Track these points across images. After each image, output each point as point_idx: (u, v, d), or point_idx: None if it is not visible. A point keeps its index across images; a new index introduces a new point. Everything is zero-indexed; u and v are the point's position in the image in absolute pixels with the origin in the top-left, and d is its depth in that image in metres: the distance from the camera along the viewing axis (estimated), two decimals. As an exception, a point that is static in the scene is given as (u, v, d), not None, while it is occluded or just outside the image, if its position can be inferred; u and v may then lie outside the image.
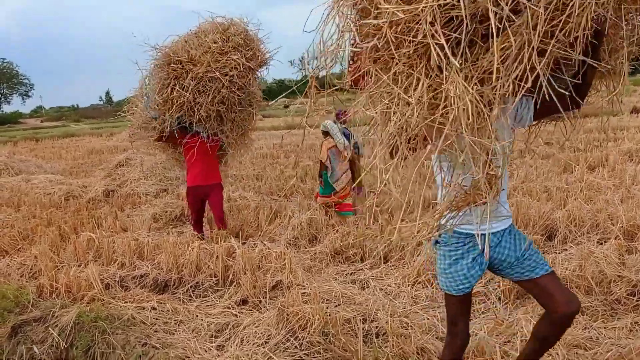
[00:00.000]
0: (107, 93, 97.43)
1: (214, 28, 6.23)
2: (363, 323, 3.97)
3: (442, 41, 2.08)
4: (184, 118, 6.10)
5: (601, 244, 5.25)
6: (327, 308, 4.03)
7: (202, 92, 5.89)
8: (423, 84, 2.22)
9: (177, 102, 5.87)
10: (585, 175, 8.65)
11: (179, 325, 4.27)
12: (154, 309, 4.47)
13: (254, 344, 3.76)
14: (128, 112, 6.72)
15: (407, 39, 2.20)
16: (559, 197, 7.17)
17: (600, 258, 4.55)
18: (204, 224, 6.84)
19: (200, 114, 5.93)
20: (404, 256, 5.56)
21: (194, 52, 5.91)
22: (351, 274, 5.42)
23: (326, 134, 7.50)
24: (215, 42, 5.99)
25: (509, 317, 4.07)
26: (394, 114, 2.33)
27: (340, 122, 8.05)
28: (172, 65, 5.88)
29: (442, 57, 2.12)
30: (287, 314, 3.84)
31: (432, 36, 2.11)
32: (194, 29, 6.41)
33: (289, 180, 10.49)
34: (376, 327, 3.94)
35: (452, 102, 2.14)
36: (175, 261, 5.31)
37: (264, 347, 3.68)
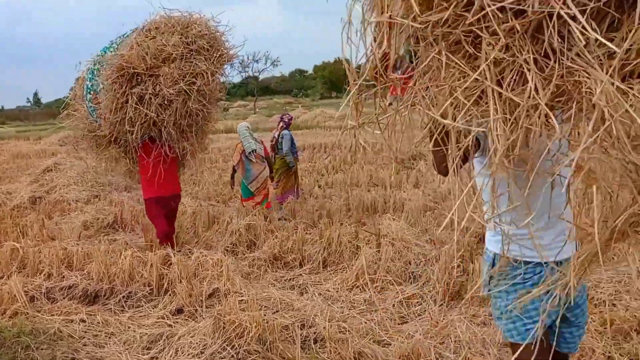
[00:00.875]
0: (36, 94, 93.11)
1: (170, 26, 5.69)
2: (301, 329, 3.94)
3: (575, 11, 1.43)
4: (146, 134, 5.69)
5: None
6: (264, 315, 3.97)
7: (167, 107, 5.42)
8: (533, 77, 1.54)
9: (138, 121, 5.39)
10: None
11: (109, 337, 4.10)
12: (83, 321, 4.28)
13: (188, 354, 3.66)
14: (66, 116, 6.33)
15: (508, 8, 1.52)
16: (491, 199, 7.40)
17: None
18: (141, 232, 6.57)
19: (166, 130, 5.50)
20: (343, 260, 5.59)
21: (152, 62, 5.37)
22: (290, 279, 5.39)
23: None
24: (176, 47, 5.47)
25: (444, 319, 4.14)
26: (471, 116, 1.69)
27: (286, 127, 8.24)
28: (127, 77, 5.35)
29: (579, 36, 1.45)
30: (224, 323, 3.76)
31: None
32: (146, 24, 5.79)
33: (227, 185, 10.34)
34: (314, 333, 3.92)
35: (590, 105, 1.49)
36: (106, 270, 5.10)
37: (199, 358, 3.59)
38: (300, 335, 3.86)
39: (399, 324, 4.24)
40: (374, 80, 1.84)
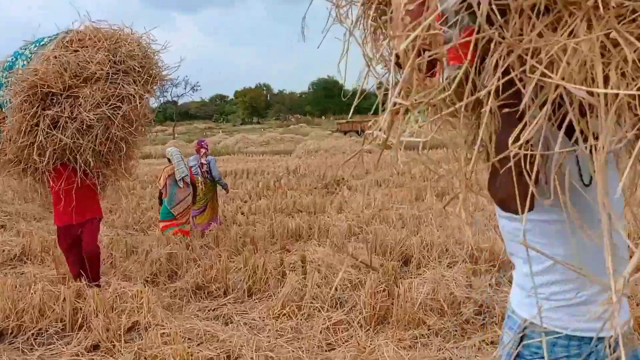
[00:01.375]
0: None
1: (97, 41, 5.11)
2: (227, 361, 3.82)
3: None
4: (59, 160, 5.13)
5: (451, 267, 5.62)
6: (189, 348, 3.81)
7: (86, 133, 4.87)
8: None
9: (50, 147, 4.83)
10: (435, 203, 9.31)
11: (17, 380, 3.78)
12: (-13, 363, 3.93)
13: (106, 394, 3.44)
14: None
15: None
16: (413, 224, 7.60)
17: (450, 281, 4.86)
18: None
19: (83, 158, 4.94)
20: (268, 288, 5.51)
21: (71, 81, 4.82)
22: (214, 309, 5.23)
23: (170, 160, 7.88)
24: (101, 65, 4.90)
25: (371, 344, 4.16)
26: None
27: (201, 154, 8.29)
28: (40, 96, 4.79)
29: None
30: (145, 358, 3.57)
31: None
32: (67, 35, 5.18)
33: (146, 213, 9.98)
34: (241, 365, 3.80)
35: None
36: (13, 306, 4.72)
37: (117, 397, 3.37)
38: (226, 367, 3.74)
39: (326, 351, 4.20)
40: (427, 47, 1.34)
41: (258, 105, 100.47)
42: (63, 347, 4.38)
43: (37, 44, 5.34)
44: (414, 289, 4.85)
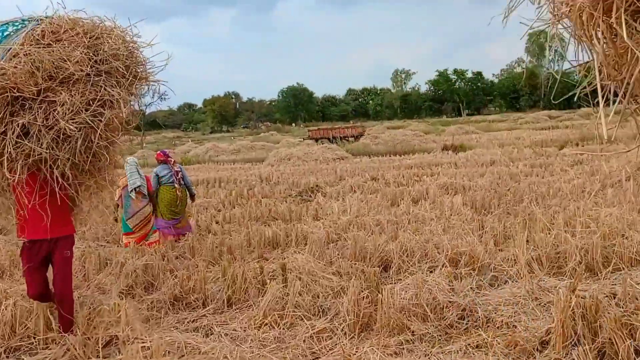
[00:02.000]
0: None
1: (74, 34, 4.47)
2: (210, 374, 3.73)
3: None
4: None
5: (431, 272, 5.62)
6: (171, 361, 3.71)
7: (63, 143, 4.18)
8: None
9: (20, 159, 4.13)
10: (411, 207, 9.35)
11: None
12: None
13: (86, 412, 3.31)
14: None
15: None
16: (390, 229, 7.60)
17: (432, 285, 4.86)
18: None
19: (59, 170, 4.24)
20: (249, 298, 5.42)
21: (45, 83, 4.18)
22: (193, 321, 5.11)
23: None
24: (80, 65, 4.27)
25: (357, 351, 4.11)
26: None
27: (172, 163, 8.30)
28: (8, 100, 4.12)
29: None
30: (126, 374, 3.45)
31: None
32: (38, 24, 4.50)
33: (117, 224, 9.75)
34: (225, 377, 3.71)
35: None
36: (-17, 324, 4.54)
37: (98, 415, 3.25)
38: (210, 380, 3.65)
39: (311, 360, 4.14)
40: None
41: (227, 113, 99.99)
42: (37, 364, 4.22)
43: (1, 35, 4.54)
44: (397, 295, 4.83)
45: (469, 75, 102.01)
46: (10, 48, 4.33)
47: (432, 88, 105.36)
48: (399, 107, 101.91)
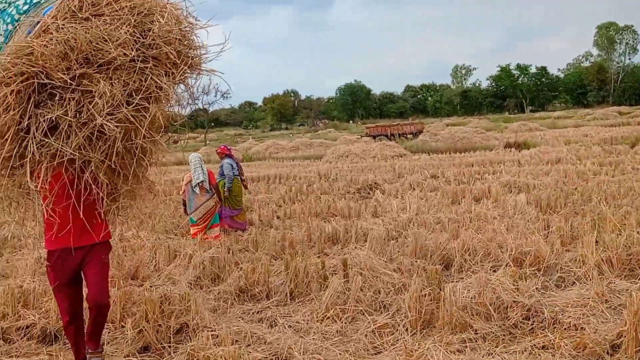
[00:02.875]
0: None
1: (118, 9, 3.57)
2: (276, 363, 3.86)
3: None
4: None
5: (494, 271, 5.55)
6: (239, 349, 3.86)
7: (98, 143, 3.42)
8: None
9: (45, 160, 3.42)
10: (473, 206, 9.22)
11: (73, 379, 3.88)
12: (44, 363, 4.04)
13: (161, 394, 3.50)
14: None
15: None
16: (451, 227, 7.54)
17: (496, 285, 4.81)
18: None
19: (92, 175, 3.53)
20: (311, 292, 5.53)
21: (81, 68, 3.35)
22: (258, 312, 5.27)
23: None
24: (125, 48, 3.43)
25: (419, 348, 4.14)
26: None
27: (229, 156, 8.82)
28: (32, 88, 3.31)
29: None
30: (197, 359, 3.63)
31: None
32: None
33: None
34: (290, 367, 3.83)
35: None
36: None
37: (173, 397, 3.43)
38: (276, 369, 3.78)
39: (373, 354, 4.21)
40: None
41: (286, 111, 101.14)
42: (115, 349, 4.48)
43: (29, 1, 3.81)
44: (459, 293, 4.82)
45: (533, 70, 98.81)
46: (40, 21, 3.56)
47: (493, 84, 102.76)
48: (459, 104, 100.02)
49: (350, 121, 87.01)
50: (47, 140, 3.37)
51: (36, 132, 3.34)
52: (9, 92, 3.23)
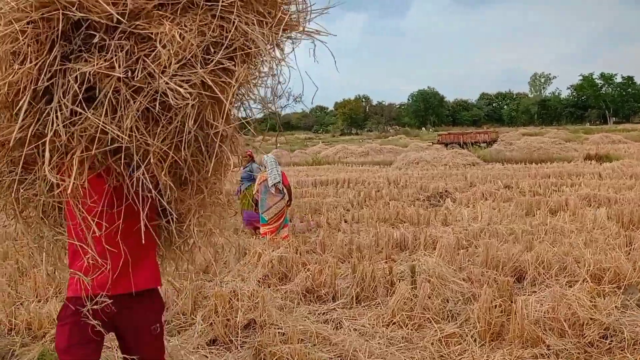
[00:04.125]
0: None
1: None
2: (341, 364, 3.88)
3: None
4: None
5: (570, 286, 5.32)
6: (305, 348, 3.91)
7: (160, 121, 2.11)
8: None
9: (78, 148, 2.12)
10: (548, 218, 8.88)
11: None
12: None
13: (228, 386, 3.61)
14: None
15: None
16: (525, 239, 7.29)
17: (572, 300, 4.60)
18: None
19: (150, 173, 2.16)
20: (377, 297, 5.51)
21: (135, 3, 2.11)
22: (324, 313, 5.31)
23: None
24: None
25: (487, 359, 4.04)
26: None
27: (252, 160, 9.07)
28: (60, 29, 2.07)
29: None
30: (264, 355, 3.71)
31: None
32: None
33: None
34: (354, 369, 3.84)
35: None
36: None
37: (239, 390, 3.53)
38: (341, 370, 3.79)
39: (439, 363, 4.14)
40: None
41: (357, 116, 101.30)
42: (184, 340, 4.65)
43: None
44: (531, 306, 4.65)
45: (618, 79, 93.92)
46: None
47: (574, 93, 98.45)
48: (536, 113, 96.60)
49: (422, 128, 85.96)
50: (82, 112, 2.07)
51: (62, 98, 2.08)
52: (22, 28, 2.05)
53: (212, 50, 2.19)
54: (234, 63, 2.18)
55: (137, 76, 2.07)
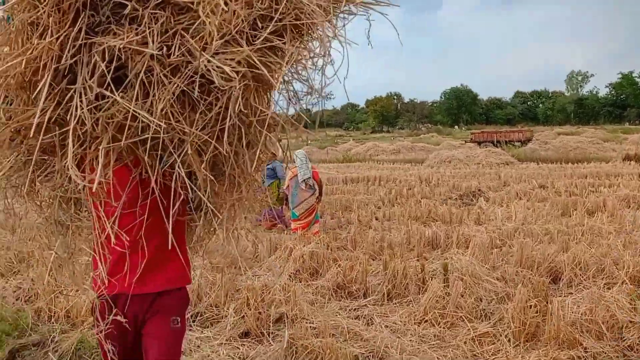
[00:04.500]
0: None
1: None
2: (372, 360, 3.87)
3: None
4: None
5: (608, 288, 5.20)
6: (337, 342, 3.91)
7: (197, 106, 1.87)
8: None
9: (105, 138, 1.84)
10: (585, 219, 8.67)
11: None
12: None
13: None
14: None
15: None
16: (561, 240, 7.13)
17: (611, 302, 4.49)
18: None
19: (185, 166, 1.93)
20: (408, 294, 5.48)
21: None
22: (355, 309, 5.30)
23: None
24: None
25: (521, 360, 3.97)
26: None
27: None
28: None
29: None
30: (297, 348, 3.72)
31: None
32: None
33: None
34: (386, 365, 3.83)
35: None
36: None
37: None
38: (372, 366, 3.78)
39: (472, 362, 4.09)
40: None
41: (388, 114, 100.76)
42: (217, 331, 4.70)
43: None
44: (567, 308, 4.56)
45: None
46: None
47: (613, 92, 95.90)
48: (572, 112, 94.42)
49: (455, 126, 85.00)
50: (109, 95, 1.78)
51: (88, 79, 1.78)
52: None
53: (260, 25, 1.85)
54: (283, 41, 1.86)
55: (174, 53, 1.77)
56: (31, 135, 1.78)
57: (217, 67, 1.71)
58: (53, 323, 4.75)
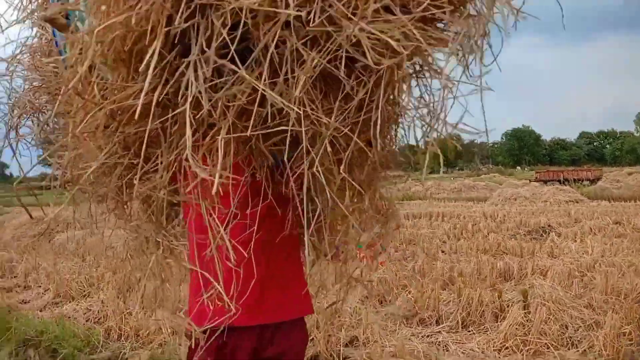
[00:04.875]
0: None
1: None
2: (454, 384, 3.63)
3: None
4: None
5: None
6: (414, 364, 3.71)
7: (336, 87, 1.44)
8: None
9: (224, 121, 1.40)
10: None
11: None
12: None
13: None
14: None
15: None
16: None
17: None
18: None
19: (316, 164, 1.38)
20: (485, 322, 5.19)
21: None
22: (428, 336, 5.06)
23: None
24: None
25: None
26: None
27: None
28: None
29: None
30: (372, 367, 3.55)
31: None
32: None
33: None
34: (468, 390, 3.58)
35: None
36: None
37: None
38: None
39: (562, 392, 3.77)
40: None
41: (448, 154, 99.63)
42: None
43: None
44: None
45: None
46: None
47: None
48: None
49: (517, 167, 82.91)
50: (225, 73, 1.41)
51: (206, 48, 1.36)
52: None
53: None
54: (443, 10, 1.33)
55: (314, 20, 1.29)
56: (136, 118, 1.34)
57: (375, 38, 1.24)
58: (123, 341, 4.79)
